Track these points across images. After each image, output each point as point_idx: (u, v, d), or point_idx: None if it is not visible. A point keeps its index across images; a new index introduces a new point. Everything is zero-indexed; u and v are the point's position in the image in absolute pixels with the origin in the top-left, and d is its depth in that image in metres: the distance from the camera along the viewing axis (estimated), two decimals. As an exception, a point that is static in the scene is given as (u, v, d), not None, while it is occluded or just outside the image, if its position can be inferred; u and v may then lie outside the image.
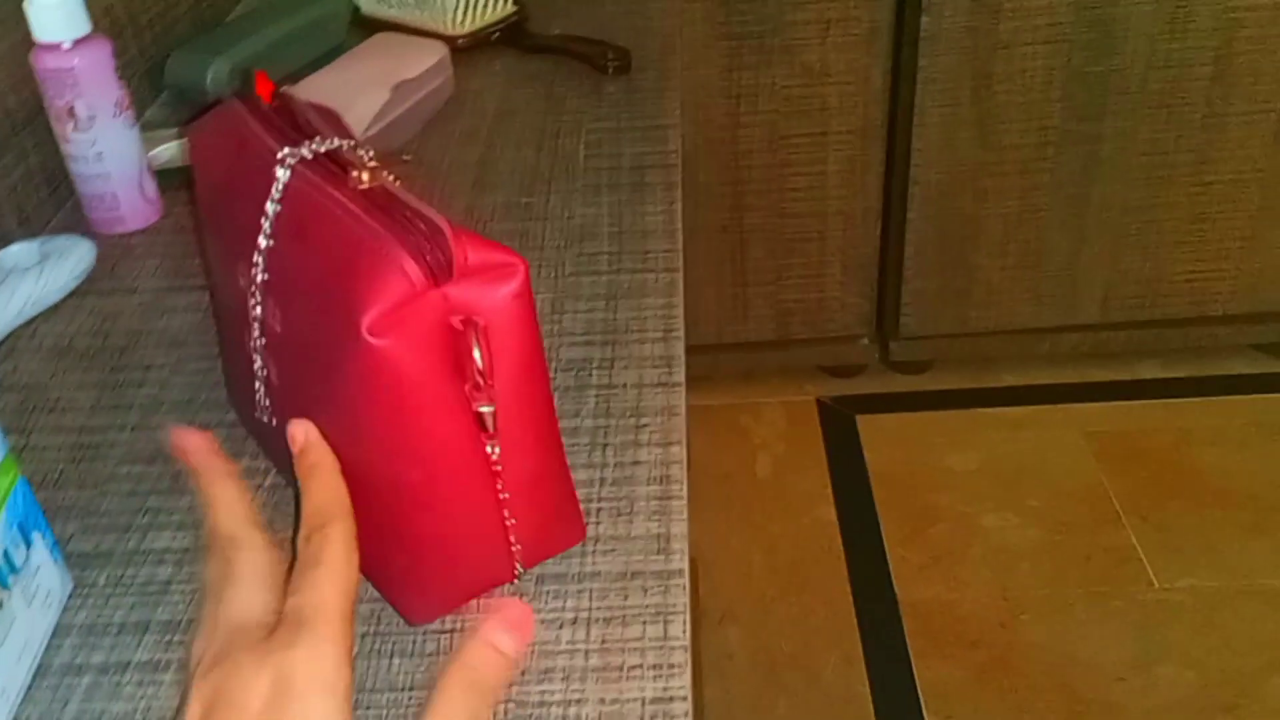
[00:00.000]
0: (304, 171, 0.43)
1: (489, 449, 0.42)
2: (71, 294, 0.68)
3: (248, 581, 0.39)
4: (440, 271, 0.39)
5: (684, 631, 0.46)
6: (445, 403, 0.40)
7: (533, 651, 0.45)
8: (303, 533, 0.39)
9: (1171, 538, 1.55)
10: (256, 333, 0.46)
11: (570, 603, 0.47)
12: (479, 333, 0.39)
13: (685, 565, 0.49)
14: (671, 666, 0.44)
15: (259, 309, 0.45)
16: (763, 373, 1.87)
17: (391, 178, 0.42)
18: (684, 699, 0.43)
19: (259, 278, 0.44)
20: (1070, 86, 1.52)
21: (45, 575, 0.46)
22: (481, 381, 0.40)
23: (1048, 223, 1.64)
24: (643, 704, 0.43)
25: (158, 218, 0.77)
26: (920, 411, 1.82)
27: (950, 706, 1.37)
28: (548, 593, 0.47)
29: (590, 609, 0.47)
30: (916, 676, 1.41)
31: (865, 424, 1.80)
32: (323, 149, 0.44)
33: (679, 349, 0.62)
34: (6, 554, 0.43)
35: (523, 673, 0.44)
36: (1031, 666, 1.41)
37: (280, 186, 0.43)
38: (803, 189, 1.63)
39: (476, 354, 0.39)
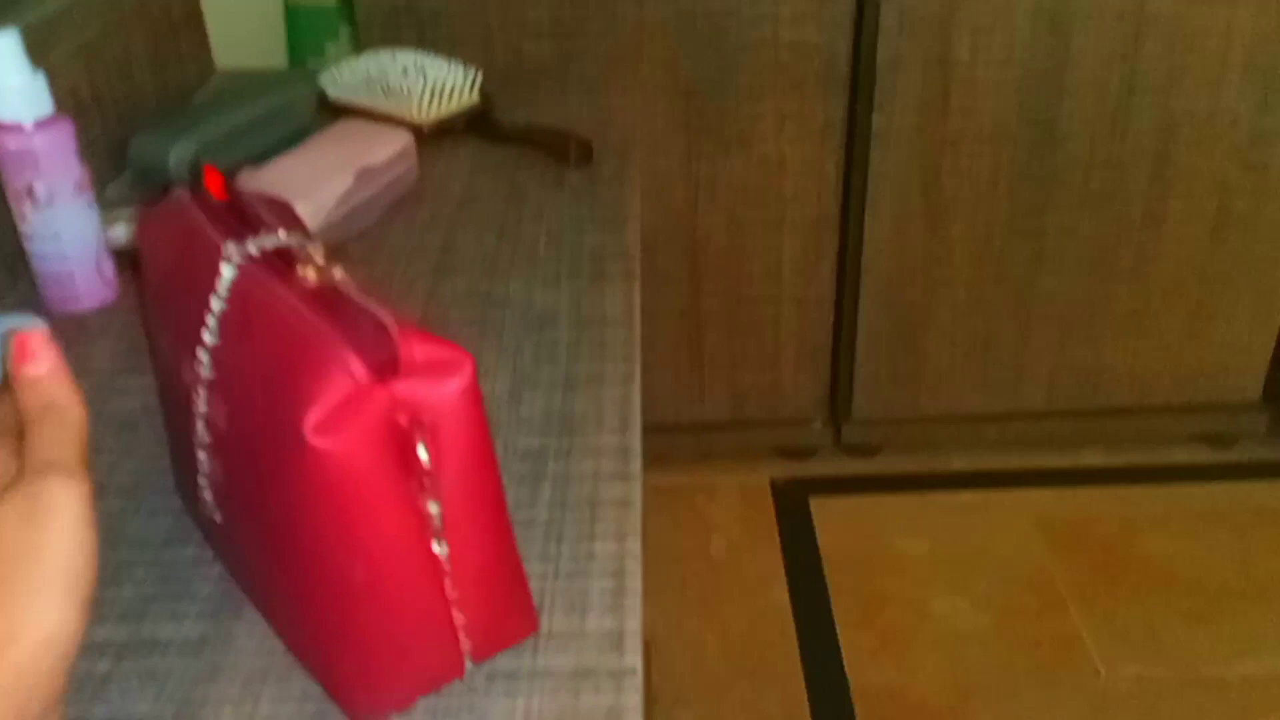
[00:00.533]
0: (250, 268, 0.43)
1: (436, 547, 0.42)
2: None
3: None
4: (385, 368, 0.39)
5: (636, 730, 0.46)
6: (391, 501, 0.40)
7: (483, 750, 0.45)
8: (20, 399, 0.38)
9: (1117, 625, 1.57)
10: (201, 428, 0.46)
11: (521, 701, 0.47)
12: (424, 431, 0.39)
13: (639, 663, 0.49)
14: (623, 767, 0.44)
15: (204, 405, 0.45)
16: (718, 453, 1.88)
17: (339, 274, 0.42)
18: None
19: (204, 374, 0.44)
20: (1015, 183, 1.57)
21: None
22: (427, 482, 0.40)
23: (995, 312, 1.68)
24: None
25: (114, 298, 0.77)
26: (872, 494, 1.84)
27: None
28: (499, 691, 0.47)
29: (541, 709, 0.47)
30: (867, 765, 1.40)
31: (818, 506, 1.82)
32: (269, 246, 0.44)
33: (635, 440, 0.62)
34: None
35: (473, 772, 0.44)
36: (981, 755, 1.40)
37: (226, 284, 0.43)
38: (759, 275, 1.66)
39: (422, 452, 0.39)
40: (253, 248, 0.43)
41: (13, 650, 0.32)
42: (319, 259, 0.42)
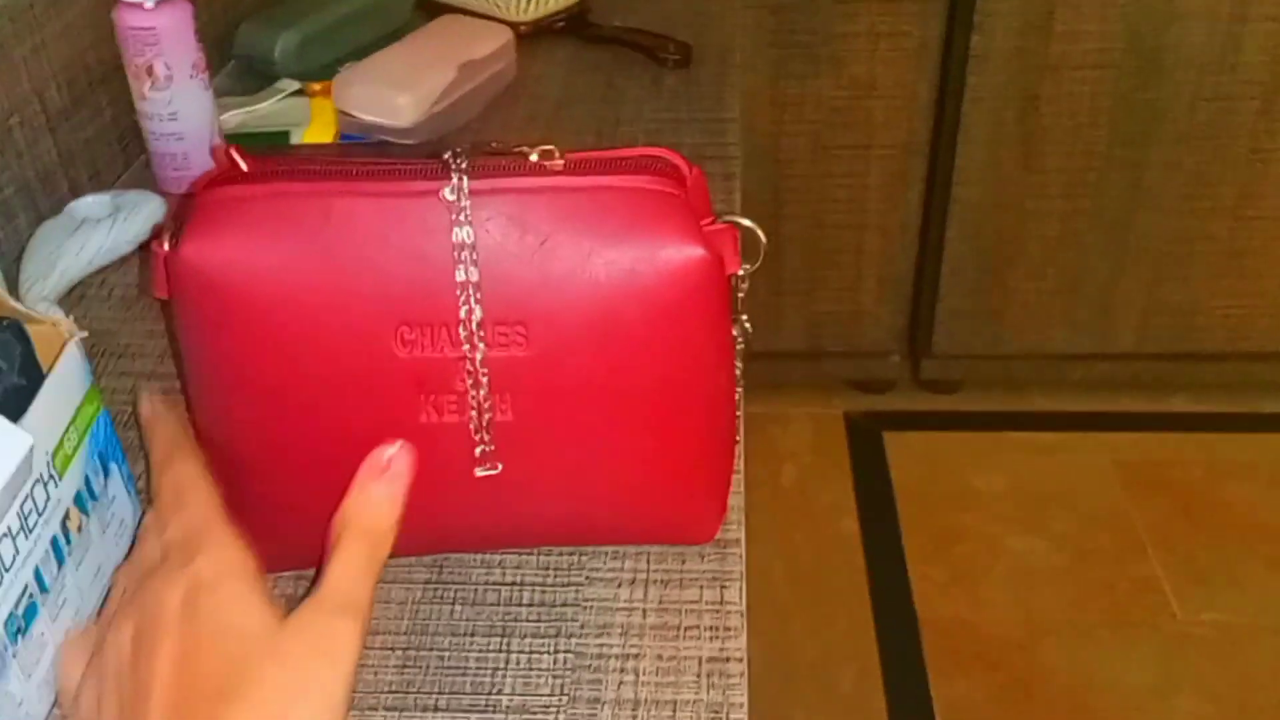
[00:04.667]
0: (481, 192, 0.41)
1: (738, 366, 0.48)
2: (140, 247, 0.70)
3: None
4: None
5: (740, 597, 0.46)
6: (726, 318, 0.45)
7: (592, 607, 0.46)
8: (154, 476, 0.42)
9: (1196, 569, 1.54)
10: (481, 378, 0.42)
11: (629, 564, 0.47)
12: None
13: (742, 536, 0.49)
14: (728, 629, 0.45)
15: (480, 344, 0.42)
16: (791, 385, 1.87)
17: (548, 149, 0.43)
18: (740, 660, 0.44)
19: (475, 315, 0.41)
20: (1117, 113, 1.52)
21: (120, 505, 0.47)
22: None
23: (1087, 248, 1.64)
24: (700, 662, 0.43)
25: (223, 181, 0.78)
26: (948, 431, 1.82)
27: (966, 723, 1.36)
28: (606, 553, 0.48)
29: (648, 571, 0.47)
30: (933, 694, 1.40)
31: (892, 440, 1.80)
32: (463, 163, 0.41)
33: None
34: (88, 481, 0.44)
35: (582, 626, 0.45)
36: (1050, 690, 1.40)
37: (464, 213, 0.41)
38: (842, 200, 1.63)
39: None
40: (456, 170, 0.41)
41: None
42: (531, 148, 0.42)
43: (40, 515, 0.41)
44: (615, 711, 0.41)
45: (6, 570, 0.39)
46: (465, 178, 0.41)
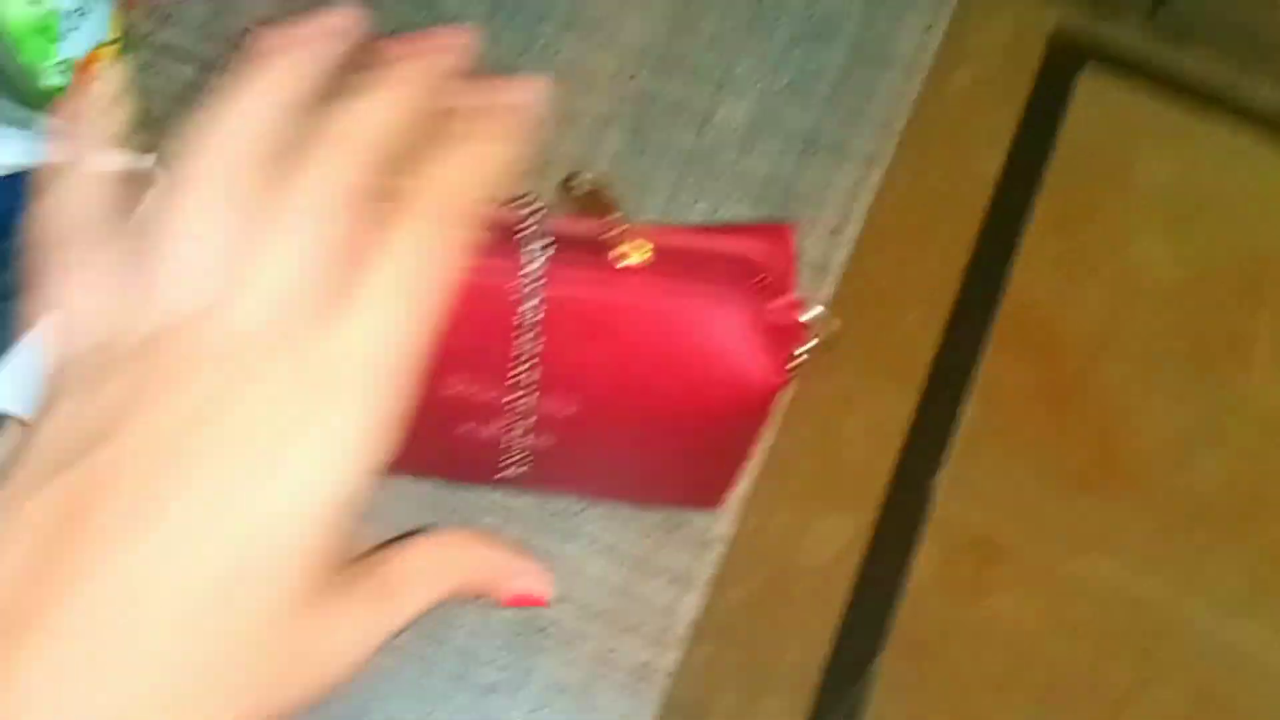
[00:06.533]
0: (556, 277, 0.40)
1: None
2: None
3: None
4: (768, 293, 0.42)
5: (691, 609, 0.52)
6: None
7: (563, 567, 0.52)
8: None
9: (1297, 345, 1.50)
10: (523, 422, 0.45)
11: (614, 528, 0.52)
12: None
13: (728, 533, 0.53)
14: (664, 641, 0.51)
15: (530, 404, 0.44)
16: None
17: (646, 242, 0.40)
18: (668, 675, 0.51)
19: (531, 392, 0.43)
20: None
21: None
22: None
23: None
24: (628, 671, 0.50)
25: None
26: (1148, 94, 1.65)
27: (995, 402, 1.44)
28: (601, 507, 0.53)
29: (628, 543, 0.52)
30: (981, 365, 1.46)
31: (1085, 83, 1.65)
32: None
33: (839, 257, 0.59)
34: None
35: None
36: (1089, 405, 1.45)
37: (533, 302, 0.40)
38: None
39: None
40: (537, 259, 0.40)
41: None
42: (620, 234, 0.40)
43: None
44: (541, 691, 0.49)
45: None
46: (539, 273, 0.39)
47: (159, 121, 0.55)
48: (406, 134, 0.27)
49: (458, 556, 0.31)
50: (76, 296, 0.26)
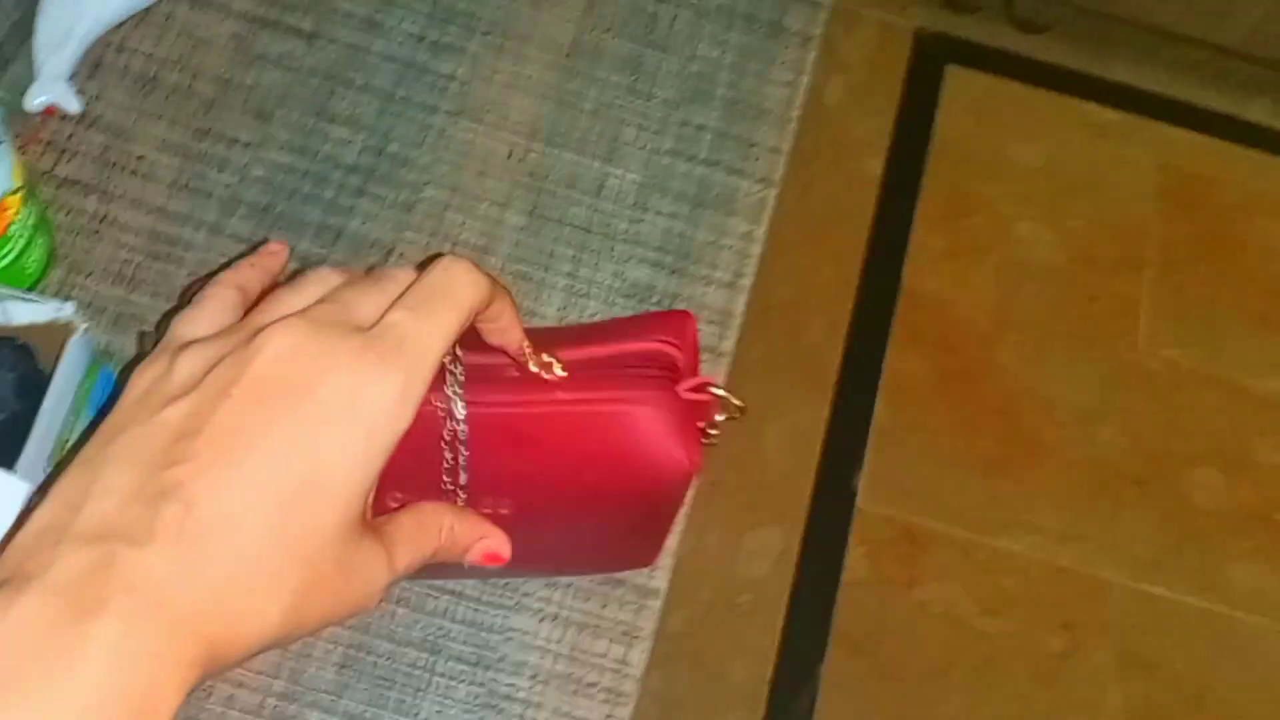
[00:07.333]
0: (477, 404, 0.42)
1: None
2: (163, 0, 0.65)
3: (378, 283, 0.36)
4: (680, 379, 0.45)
5: (641, 658, 0.55)
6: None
7: (513, 640, 0.54)
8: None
9: (1179, 304, 1.59)
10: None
11: (557, 595, 0.55)
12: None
13: (664, 586, 0.56)
14: (621, 695, 0.54)
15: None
16: (873, -19, 1.73)
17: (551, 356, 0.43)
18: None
19: (460, 496, 0.45)
20: None
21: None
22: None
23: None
24: None
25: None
26: (1012, 80, 1.73)
27: (903, 396, 1.50)
28: (541, 580, 0.55)
29: (571, 609, 0.55)
30: (886, 362, 1.52)
31: (953, 75, 1.72)
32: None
33: (740, 304, 0.63)
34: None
35: (500, 659, 0.53)
36: (990, 389, 1.52)
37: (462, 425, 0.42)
38: None
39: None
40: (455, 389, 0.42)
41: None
42: (530, 351, 0.41)
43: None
44: (504, 762, 0.51)
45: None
46: (460, 393, 0.42)
47: (67, 258, 0.56)
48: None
49: (435, 521, 0.38)
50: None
